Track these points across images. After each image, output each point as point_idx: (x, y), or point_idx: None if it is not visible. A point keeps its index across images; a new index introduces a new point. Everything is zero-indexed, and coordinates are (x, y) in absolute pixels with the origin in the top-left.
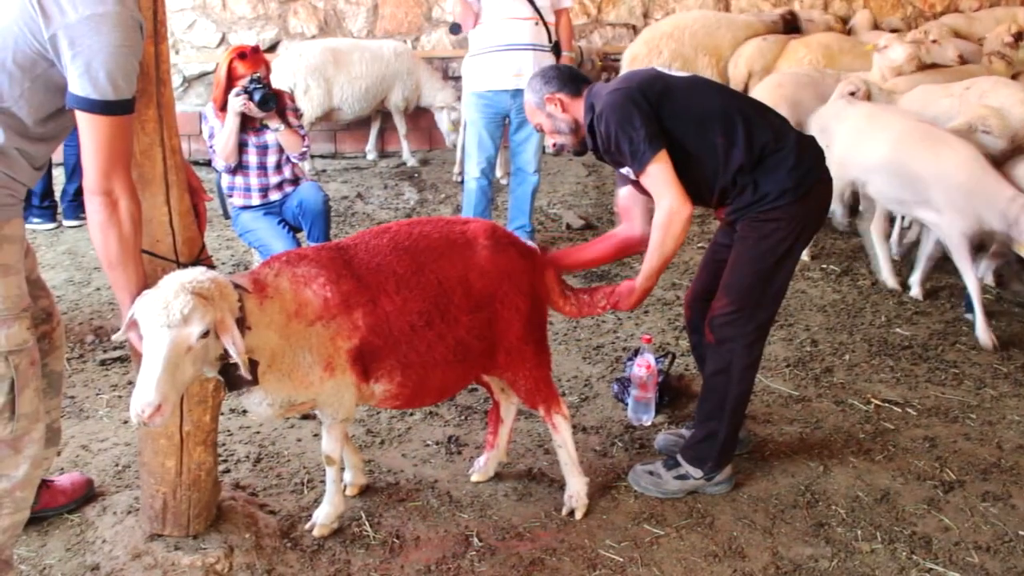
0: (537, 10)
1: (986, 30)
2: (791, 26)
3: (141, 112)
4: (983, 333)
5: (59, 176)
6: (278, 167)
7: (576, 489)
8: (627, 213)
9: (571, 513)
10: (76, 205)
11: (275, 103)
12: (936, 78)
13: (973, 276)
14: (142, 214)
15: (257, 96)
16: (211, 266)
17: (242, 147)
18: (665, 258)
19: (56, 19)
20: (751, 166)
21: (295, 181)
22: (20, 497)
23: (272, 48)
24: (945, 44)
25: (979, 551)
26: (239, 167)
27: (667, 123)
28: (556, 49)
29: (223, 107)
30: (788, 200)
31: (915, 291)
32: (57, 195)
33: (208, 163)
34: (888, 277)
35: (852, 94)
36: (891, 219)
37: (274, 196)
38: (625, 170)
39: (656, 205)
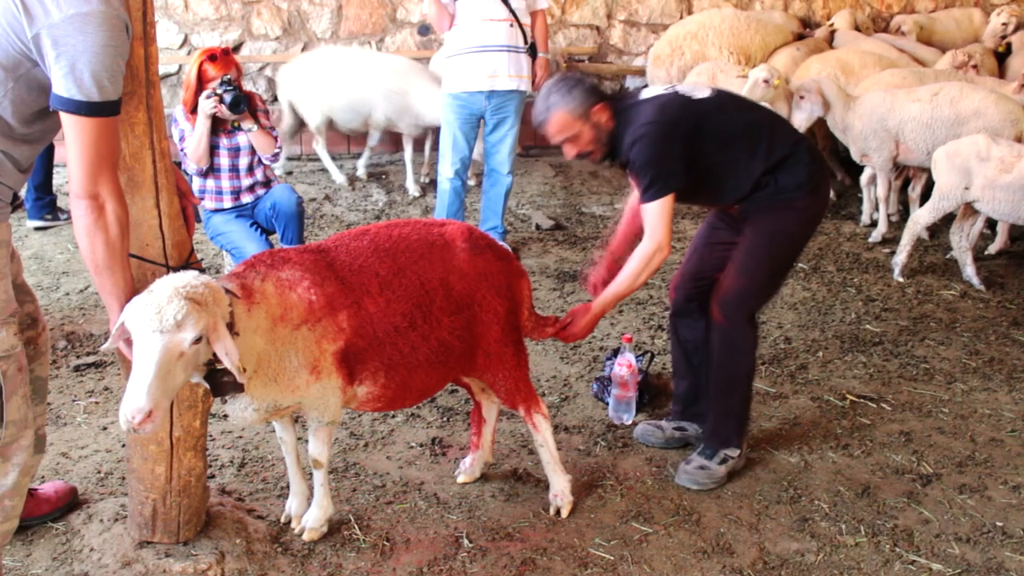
0: (512, 11)
1: (945, 30)
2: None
3: (131, 115)
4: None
5: None
6: (250, 169)
7: (560, 488)
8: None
9: (558, 512)
10: (40, 205)
11: (247, 105)
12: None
13: None
14: (129, 217)
15: (228, 98)
16: (201, 270)
17: (213, 150)
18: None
19: (39, 18)
20: (771, 171)
21: (267, 183)
22: (9, 506)
23: (235, 49)
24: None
25: (959, 542)
26: (210, 170)
27: (696, 147)
28: (532, 51)
29: (193, 110)
30: (803, 192)
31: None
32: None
33: (177, 165)
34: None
35: (802, 97)
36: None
37: (246, 199)
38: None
39: (646, 236)
